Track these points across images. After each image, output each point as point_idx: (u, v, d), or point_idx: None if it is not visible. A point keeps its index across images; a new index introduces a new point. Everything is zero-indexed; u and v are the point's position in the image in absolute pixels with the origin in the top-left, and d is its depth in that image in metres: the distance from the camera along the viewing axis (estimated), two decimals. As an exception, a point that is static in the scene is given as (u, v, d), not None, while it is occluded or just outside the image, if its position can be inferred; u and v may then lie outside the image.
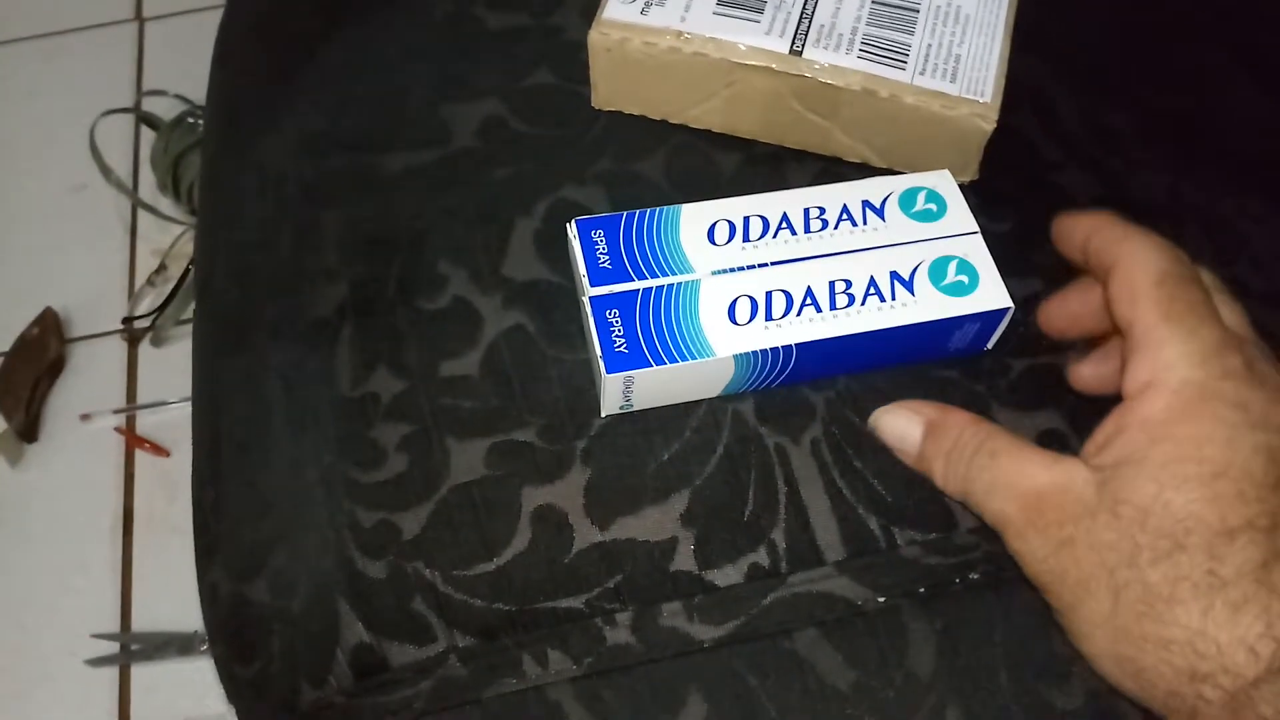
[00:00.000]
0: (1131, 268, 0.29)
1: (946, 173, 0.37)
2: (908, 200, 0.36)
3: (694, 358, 0.32)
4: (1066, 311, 0.34)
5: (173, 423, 0.85)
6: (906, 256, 0.34)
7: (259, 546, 0.37)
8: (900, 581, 0.33)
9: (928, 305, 0.33)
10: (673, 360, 0.32)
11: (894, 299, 0.33)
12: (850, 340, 0.33)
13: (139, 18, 1.09)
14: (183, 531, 0.80)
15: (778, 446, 0.34)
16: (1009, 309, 0.33)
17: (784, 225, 0.35)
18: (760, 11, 0.38)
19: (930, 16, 0.39)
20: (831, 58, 0.38)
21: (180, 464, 0.83)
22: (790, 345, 0.33)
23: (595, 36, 0.39)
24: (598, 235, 0.35)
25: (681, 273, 0.34)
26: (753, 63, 0.38)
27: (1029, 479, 0.29)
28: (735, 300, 0.33)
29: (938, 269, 0.34)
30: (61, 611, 0.77)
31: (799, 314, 0.33)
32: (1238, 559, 0.25)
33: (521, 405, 0.35)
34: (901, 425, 0.33)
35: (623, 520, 0.34)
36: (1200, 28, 0.45)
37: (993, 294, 0.34)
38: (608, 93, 0.41)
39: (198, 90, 0.95)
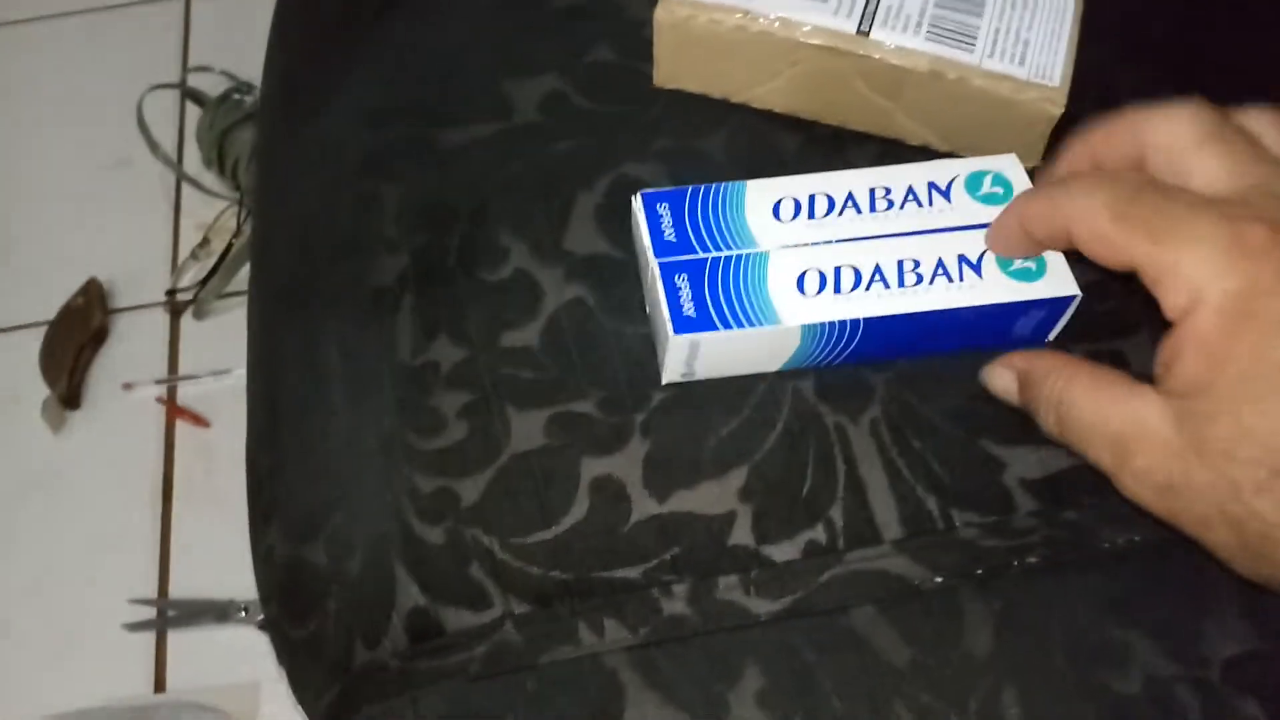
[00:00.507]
0: (1081, 224, 0.28)
1: (1014, 156, 0.36)
2: (974, 183, 0.36)
3: (761, 324, 0.32)
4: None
5: (213, 394, 0.86)
6: (975, 240, 0.34)
7: (317, 509, 0.37)
8: (958, 562, 0.33)
9: (995, 288, 0.33)
10: (740, 325, 0.32)
11: (961, 280, 0.33)
12: (917, 319, 0.33)
13: (186, -6, 1.10)
14: (221, 502, 0.81)
15: (837, 425, 0.34)
16: (1075, 297, 0.33)
17: (849, 204, 0.35)
18: (828, -9, 0.38)
19: (999, 0, 0.39)
20: (899, 39, 0.37)
21: (220, 435, 0.84)
22: (858, 319, 0.33)
23: (661, 13, 0.39)
24: (663, 209, 0.35)
25: (746, 247, 0.34)
26: (818, 42, 0.38)
27: (1109, 421, 0.28)
28: (804, 273, 0.33)
29: (1005, 259, 0.34)
30: (100, 577, 0.78)
31: (868, 289, 0.33)
32: None
33: (581, 377, 0.36)
34: (1002, 383, 0.33)
35: (681, 493, 0.34)
36: (1273, 19, 0.45)
37: (1060, 281, 0.33)
38: (670, 70, 0.41)
39: (244, 67, 0.96)
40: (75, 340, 0.86)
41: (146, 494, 0.81)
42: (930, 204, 0.35)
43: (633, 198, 0.35)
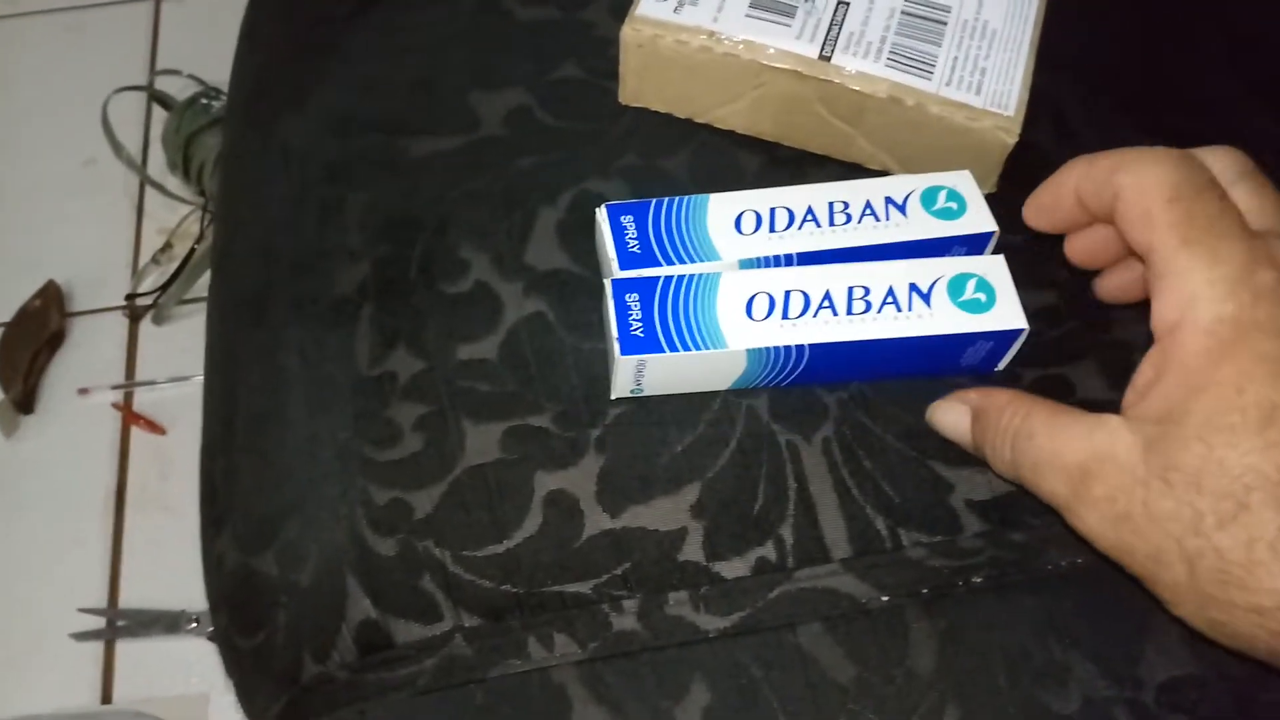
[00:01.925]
0: (1139, 188, 0.27)
1: (967, 173, 0.37)
2: (929, 197, 0.36)
3: (707, 348, 0.33)
4: (1092, 239, 0.32)
5: (170, 401, 0.85)
6: (927, 270, 0.34)
7: (270, 519, 0.37)
8: (904, 582, 0.33)
9: (943, 319, 0.33)
10: (686, 349, 0.33)
11: (910, 309, 0.33)
12: (863, 346, 0.33)
13: (156, -3, 1.09)
14: (174, 510, 0.80)
15: (789, 444, 0.35)
16: (1023, 331, 0.34)
17: (809, 217, 0.36)
18: (791, 16, 0.39)
19: (957, 30, 0.39)
20: (860, 64, 0.38)
21: (175, 442, 0.83)
22: (803, 345, 0.33)
23: (628, 32, 0.39)
24: (627, 220, 0.35)
25: (708, 259, 0.35)
26: (782, 65, 0.38)
27: (1069, 452, 0.27)
28: (754, 296, 0.34)
29: (956, 285, 0.34)
30: (50, 584, 0.77)
31: (815, 315, 0.33)
32: None
33: (539, 391, 0.36)
34: (952, 418, 0.33)
35: (634, 509, 0.34)
36: (1222, 55, 0.46)
37: (1009, 314, 0.34)
38: (636, 88, 0.41)
39: (212, 71, 0.96)
40: (31, 343, 0.85)
41: (99, 501, 0.80)
42: (887, 218, 0.36)
43: (597, 210, 0.36)
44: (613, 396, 0.35)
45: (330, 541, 0.35)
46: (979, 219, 0.36)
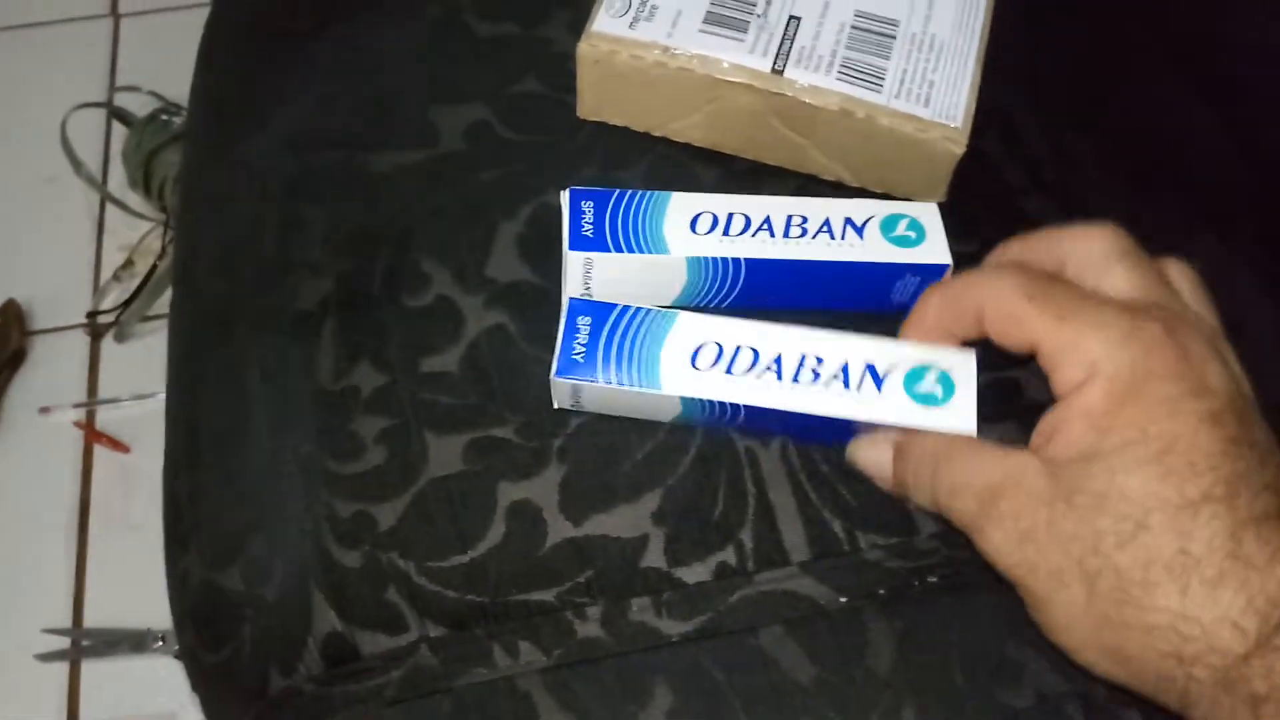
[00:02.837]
0: (997, 300, 0.29)
1: (934, 206, 0.38)
2: (889, 224, 0.37)
3: (641, 387, 0.33)
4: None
5: (133, 419, 0.84)
6: (888, 353, 0.33)
7: (234, 534, 0.37)
8: (862, 583, 0.34)
9: (892, 407, 0.32)
10: (620, 384, 0.33)
11: (860, 390, 0.33)
12: (802, 416, 0.33)
13: (114, 13, 1.09)
14: (139, 528, 0.80)
15: (748, 449, 0.35)
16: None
17: (764, 226, 0.36)
18: (744, 31, 0.40)
19: (906, 43, 0.40)
20: (811, 78, 0.39)
21: (139, 460, 0.82)
22: (739, 404, 0.33)
23: (584, 48, 0.40)
24: (587, 205, 0.36)
25: (657, 252, 0.35)
26: (735, 80, 0.39)
27: (982, 475, 0.29)
28: (703, 345, 0.34)
29: (914, 376, 0.33)
30: (13, 605, 0.76)
31: (759, 376, 0.33)
32: (1205, 533, 0.25)
33: (500, 403, 0.36)
34: (874, 454, 0.33)
35: (596, 517, 0.34)
36: (1164, 57, 0.48)
37: (961, 416, 0.32)
38: (593, 103, 0.42)
39: (172, 87, 0.95)
40: (-9, 362, 0.84)
41: (63, 520, 0.79)
42: (842, 238, 0.37)
43: (561, 191, 0.37)
44: (554, 406, 0.36)
45: (295, 555, 0.36)
46: (935, 250, 0.36)
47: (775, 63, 0.39)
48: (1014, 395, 0.36)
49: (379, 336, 0.38)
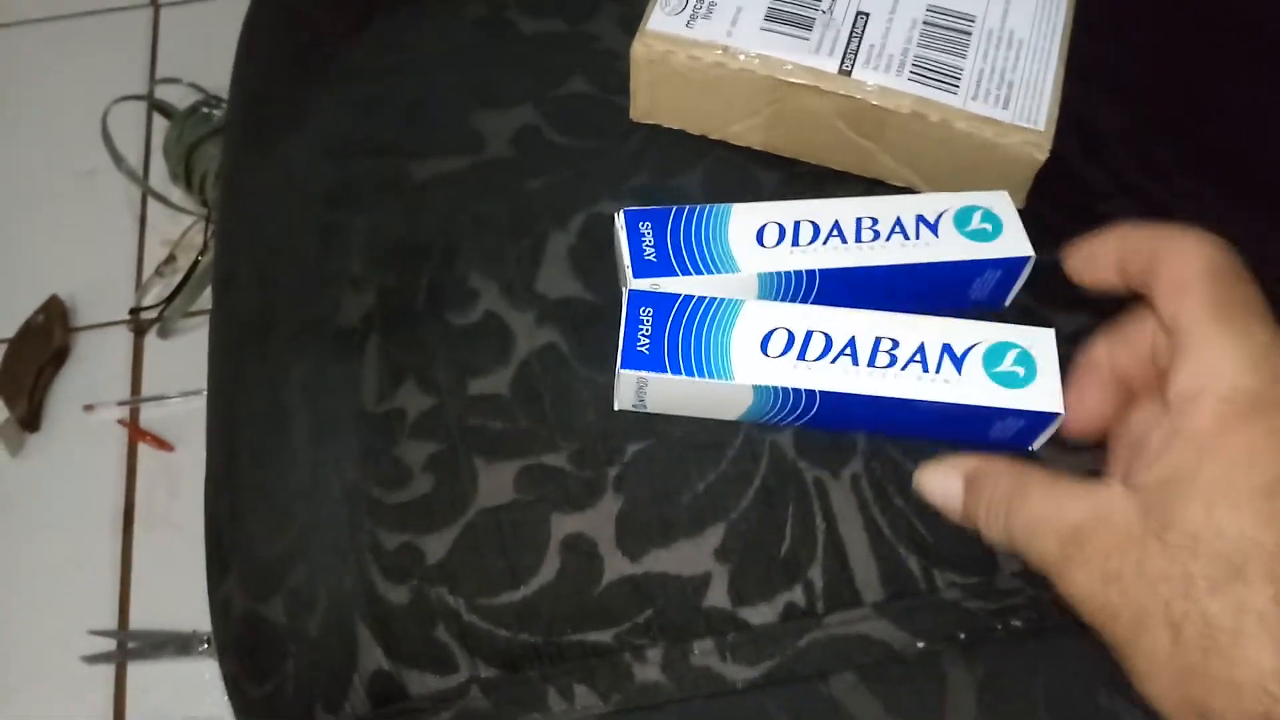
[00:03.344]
0: (1180, 259, 0.27)
1: (1005, 194, 0.35)
2: (963, 218, 0.35)
3: (711, 377, 0.31)
4: (1085, 407, 0.31)
5: (177, 416, 0.83)
6: (965, 333, 0.32)
7: (276, 564, 0.35)
8: (940, 626, 0.32)
9: (973, 388, 0.31)
10: (690, 374, 0.31)
11: (938, 372, 0.31)
12: (879, 402, 0.31)
13: (155, 3, 1.08)
14: (184, 528, 0.79)
15: (816, 481, 0.33)
16: (1059, 415, 0.31)
17: (835, 232, 0.34)
18: (809, 29, 0.37)
19: (983, 40, 0.38)
20: (881, 79, 0.37)
21: (184, 459, 0.82)
22: (814, 390, 0.31)
23: (639, 48, 0.37)
24: (645, 227, 0.34)
25: (727, 271, 0.33)
26: (800, 81, 0.37)
27: (1065, 512, 0.27)
28: (773, 331, 0.32)
29: (994, 355, 0.32)
30: (59, 606, 0.76)
31: (834, 361, 0.31)
32: None
33: (553, 427, 0.34)
34: (943, 483, 0.30)
35: (655, 552, 0.33)
36: (1255, 62, 0.44)
37: (1046, 395, 0.31)
38: (647, 105, 0.40)
39: (212, 79, 0.94)
40: (35, 360, 0.83)
41: (107, 520, 0.79)
42: (917, 237, 0.34)
43: (615, 214, 0.34)
44: (615, 408, 0.34)
45: (339, 588, 0.34)
46: (1015, 243, 0.34)
47: (843, 63, 0.37)
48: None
49: (424, 355, 0.36)
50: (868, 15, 0.38)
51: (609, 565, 0.32)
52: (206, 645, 0.72)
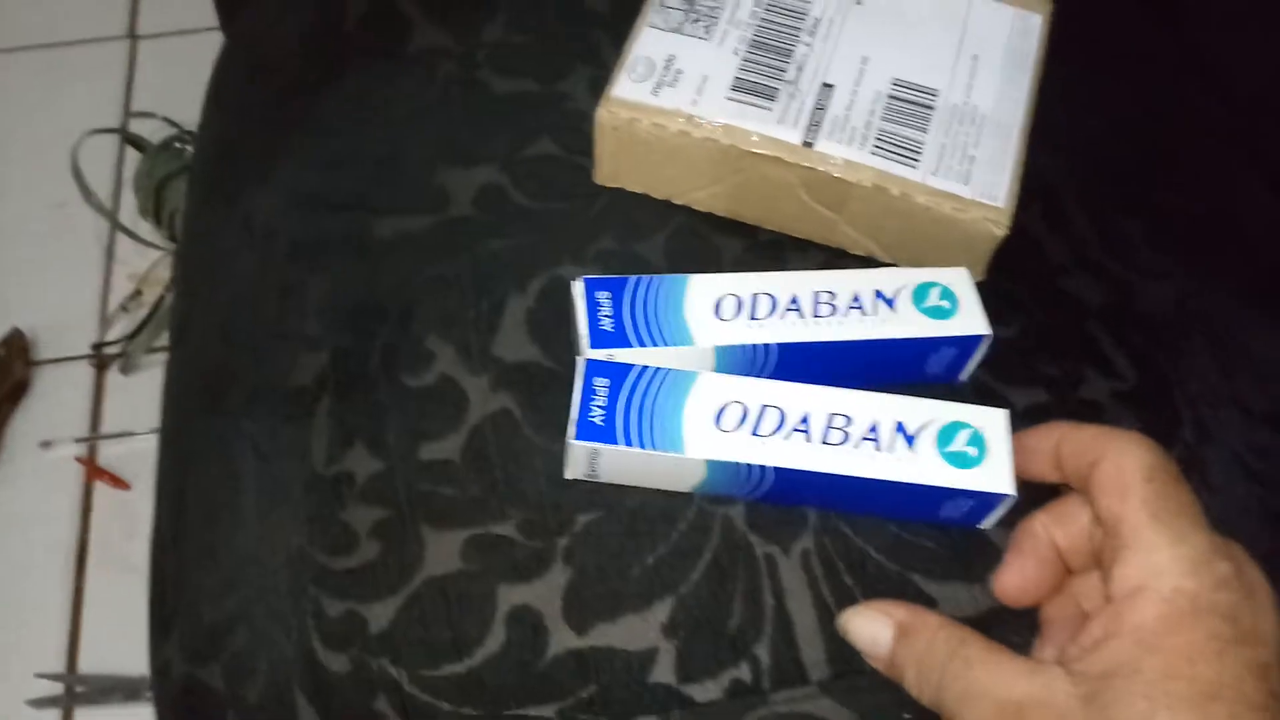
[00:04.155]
0: (1120, 461, 0.28)
1: (965, 271, 0.36)
2: (920, 294, 0.35)
3: (664, 449, 0.31)
4: (1024, 578, 0.31)
5: (136, 454, 0.82)
6: (918, 412, 0.32)
7: (218, 627, 0.35)
8: (885, 705, 0.31)
9: (925, 467, 0.31)
10: (642, 446, 0.31)
11: (891, 451, 0.31)
12: (833, 479, 0.31)
13: (133, 35, 1.08)
14: (138, 570, 0.77)
15: (767, 556, 0.33)
16: (1010, 497, 0.32)
17: (792, 306, 0.34)
18: (773, 99, 0.38)
19: (945, 115, 0.38)
20: (844, 151, 0.37)
21: (141, 498, 0.80)
22: (767, 466, 0.31)
23: (604, 114, 0.38)
24: (603, 296, 0.34)
25: (681, 344, 0.33)
26: (764, 152, 0.37)
27: (1006, 689, 0.27)
28: (726, 405, 0.32)
29: (946, 435, 0.32)
30: (6, 647, 0.74)
31: (787, 437, 0.31)
32: None
33: (504, 496, 0.34)
34: (870, 629, 0.30)
35: (602, 626, 0.32)
36: (1219, 132, 0.45)
37: (997, 476, 0.31)
38: (612, 170, 0.40)
39: (187, 113, 0.93)
40: (-6, 393, 0.82)
41: (60, 559, 0.78)
42: (875, 312, 0.34)
43: (573, 282, 0.34)
44: (566, 476, 0.34)
45: (280, 655, 0.33)
46: (971, 321, 0.34)
47: (806, 134, 0.37)
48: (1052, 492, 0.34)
49: (376, 418, 0.36)
50: (832, 87, 0.38)
51: (555, 638, 0.32)
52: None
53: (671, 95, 0.38)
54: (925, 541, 0.33)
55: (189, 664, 0.35)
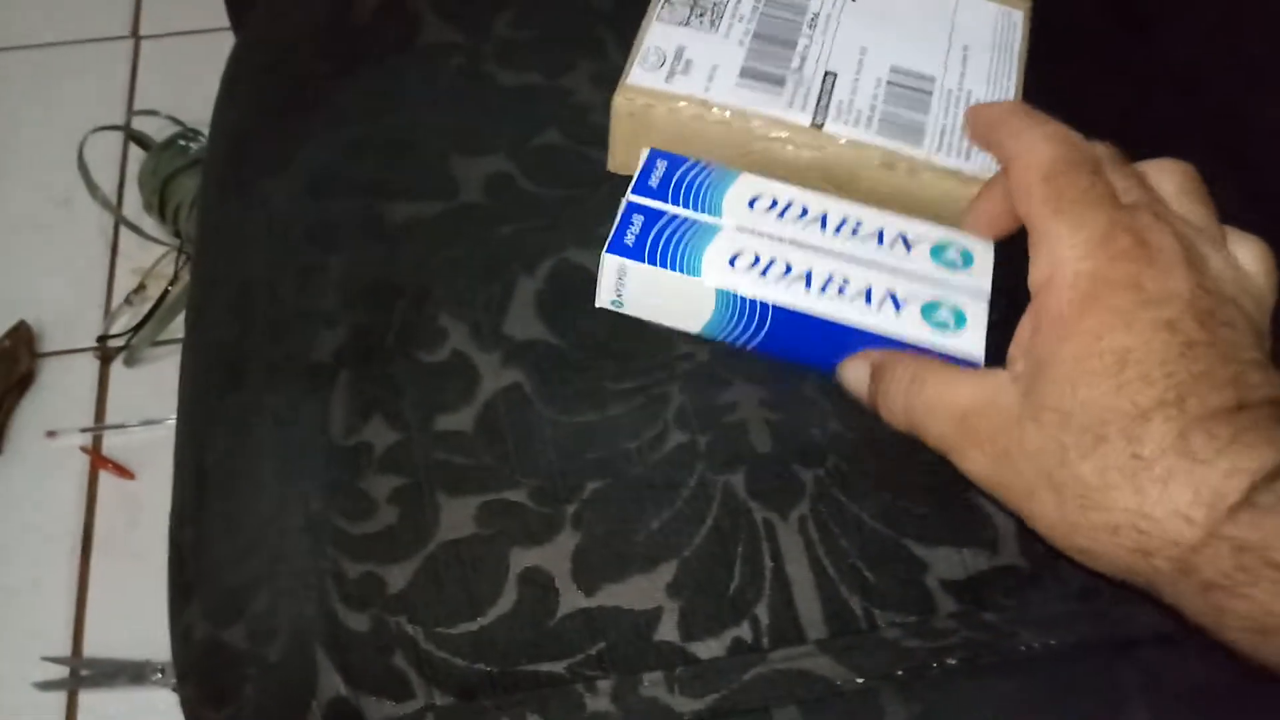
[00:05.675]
0: (1023, 162, 0.31)
1: (990, 243, 0.37)
2: (939, 249, 0.36)
3: (683, 272, 0.35)
4: (987, 211, 0.35)
5: (140, 445, 0.84)
6: (910, 285, 0.35)
7: (239, 590, 0.36)
8: (879, 663, 0.33)
9: (907, 325, 0.34)
10: (665, 266, 0.35)
11: (879, 309, 0.34)
12: (824, 327, 0.34)
13: (135, 35, 1.09)
14: (142, 557, 0.79)
15: (766, 522, 0.35)
16: (979, 365, 0.33)
17: (821, 220, 0.37)
18: (781, 85, 0.39)
19: (943, 99, 0.40)
20: (851, 132, 0.39)
21: (144, 488, 0.82)
22: (767, 305, 0.35)
23: (620, 101, 0.39)
24: (661, 163, 0.37)
25: (710, 214, 0.36)
26: (775, 134, 0.39)
27: (957, 398, 0.31)
28: (739, 252, 0.35)
29: (931, 307, 0.35)
30: (12, 631, 0.76)
31: (790, 286, 0.35)
32: (1155, 437, 0.27)
33: (515, 465, 0.36)
34: (854, 372, 0.34)
35: (609, 587, 0.34)
36: (1195, 142, 0.47)
37: (970, 343, 0.34)
38: (625, 158, 0.41)
39: (190, 111, 0.95)
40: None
41: (66, 547, 0.79)
42: (890, 248, 0.36)
43: (643, 150, 0.38)
44: (596, 304, 0.37)
45: (300, 615, 0.35)
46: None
47: (815, 117, 0.39)
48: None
49: (393, 391, 0.38)
50: (835, 75, 0.40)
51: (564, 598, 0.34)
52: (160, 675, 0.72)
53: (684, 82, 0.39)
54: (918, 508, 0.35)
55: (212, 626, 0.37)
